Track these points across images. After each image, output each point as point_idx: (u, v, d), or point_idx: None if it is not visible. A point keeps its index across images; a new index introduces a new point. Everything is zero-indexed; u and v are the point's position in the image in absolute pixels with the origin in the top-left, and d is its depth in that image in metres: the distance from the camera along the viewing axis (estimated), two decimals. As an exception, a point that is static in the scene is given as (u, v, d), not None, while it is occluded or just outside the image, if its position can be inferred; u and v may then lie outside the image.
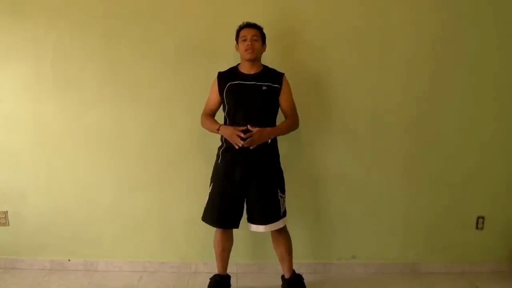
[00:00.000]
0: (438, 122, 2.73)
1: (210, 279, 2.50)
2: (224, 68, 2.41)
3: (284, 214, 2.38)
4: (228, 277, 2.53)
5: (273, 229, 2.35)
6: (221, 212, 2.34)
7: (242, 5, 2.57)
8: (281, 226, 2.36)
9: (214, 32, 2.59)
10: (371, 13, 2.61)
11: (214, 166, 2.40)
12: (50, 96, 2.65)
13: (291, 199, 2.47)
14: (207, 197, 2.39)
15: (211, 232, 2.50)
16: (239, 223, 2.38)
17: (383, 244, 2.84)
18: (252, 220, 2.36)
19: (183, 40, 2.60)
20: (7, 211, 2.76)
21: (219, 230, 2.42)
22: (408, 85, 2.69)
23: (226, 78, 2.33)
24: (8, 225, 2.77)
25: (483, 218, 2.84)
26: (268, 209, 2.32)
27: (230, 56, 2.51)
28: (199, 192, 2.70)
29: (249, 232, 2.43)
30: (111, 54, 2.61)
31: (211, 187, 2.39)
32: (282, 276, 2.51)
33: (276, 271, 2.61)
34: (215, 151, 2.56)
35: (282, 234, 2.40)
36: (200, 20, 2.59)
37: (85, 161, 2.71)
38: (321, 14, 2.61)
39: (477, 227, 2.85)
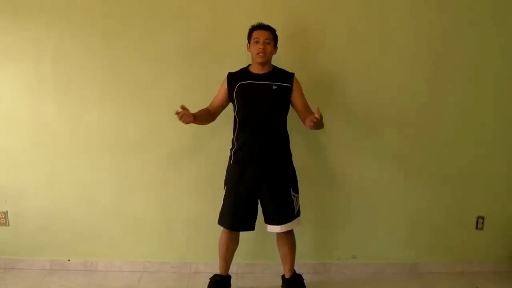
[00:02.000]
0: (438, 122, 2.74)
1: (210, 279, 2.50)
2: (224, 67, 2.41)
3: (298, 214, 2.38)
4: (228, 278, 2.53)
5: (289, 229, 2.34)
6: (236, 215, 2.33)
7: (242, 5, 2.57)
8: (296, 225, 2.36)
9: (215, 32, 2.59)
10: (371, 13, 2.61)
11: (227, 168, 2.39)
12: (50, 96, 2.65)
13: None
14: (222, 201, 2.38)
15: (211, 232, 2.50)
16: (254, 225, 2.37)
17: (383, 244, 2.85)
18: (268, 220, 2.36)
19: (183, 40, 2.60)
20: (7, 211, 2.76)
21: (227, 230, 2.41)
22: (408, 86, 2.69)
23: (237, 78, 2.32)
24: (8, 225, 2.77)
25: (483, 218, 2.84)
26: (282, 209, 2.32)
27: (230, 56, 2.52)
28: (199, 192, 2.72)
29: (250, 232, 2.43)
30: (111, 54, 2.61)
31: (225, 190, 2.37)
32: (283, 276, 2.51)
33: (276, 271, 2.61)
34: (215, 151, 2.57)
35: (288, 234, 2.40)
36: (200, 20, 2.59)
37: (85, 161, 2.71)
38: (321, 14, 2.61)
39: (477, 227, 2.86)
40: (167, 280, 2.70)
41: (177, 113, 2.11)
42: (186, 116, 2.12)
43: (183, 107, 2.12)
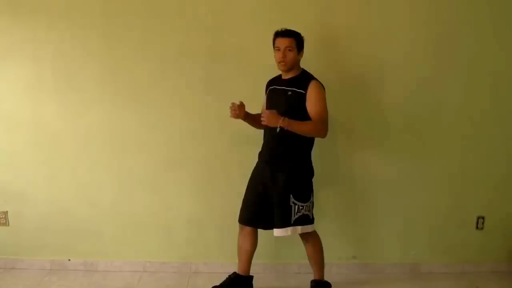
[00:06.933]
0: (438, 122, 2.73)
1: (229, 276, 2.47)
2: (224, 68, 2.43)
3: (297, 223, 2.28)
4: (249, 278, 2.49)
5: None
6: (246, 210, 2.40)
7: (242, 5, 2.57)
8: (288, 233, 2.29)
9: (215, 32, 2.59)
10: (369, 12, 2.62)
11: None
12: (50, 96, 2.65)
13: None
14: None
15: (211, 232, 2.51)
16: (263, 223, 2.36)
17: (383, 244, 2.84)
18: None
19: (183, 41, 2.60)
20: (7, 211, 2.76)
21: (241, 228, 2.43)
22: (407, 85, 2.69)
23: (270, 83, 2.39)
24: (8, 225, 2.77)
25: (483, 218, 2.84)
26: (278, 213, 2.30)
27: (230, 56, 2.52)
28: (200, 192, 2.72)
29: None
30: (111, 54, 2.61)
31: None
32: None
33: (276, 271, 2.62)
34: (215, 151, 2.57)
35: (307, 239, 2.39)
36: (200, 21, 2.59)
37: (85, 161, 2.71)
38: (321, 14, 2.61)
39: (477, 227, 2.85)
40: (167, 280, 2.70)
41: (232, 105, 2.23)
42: (240, 109, 2.23)
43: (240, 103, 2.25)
